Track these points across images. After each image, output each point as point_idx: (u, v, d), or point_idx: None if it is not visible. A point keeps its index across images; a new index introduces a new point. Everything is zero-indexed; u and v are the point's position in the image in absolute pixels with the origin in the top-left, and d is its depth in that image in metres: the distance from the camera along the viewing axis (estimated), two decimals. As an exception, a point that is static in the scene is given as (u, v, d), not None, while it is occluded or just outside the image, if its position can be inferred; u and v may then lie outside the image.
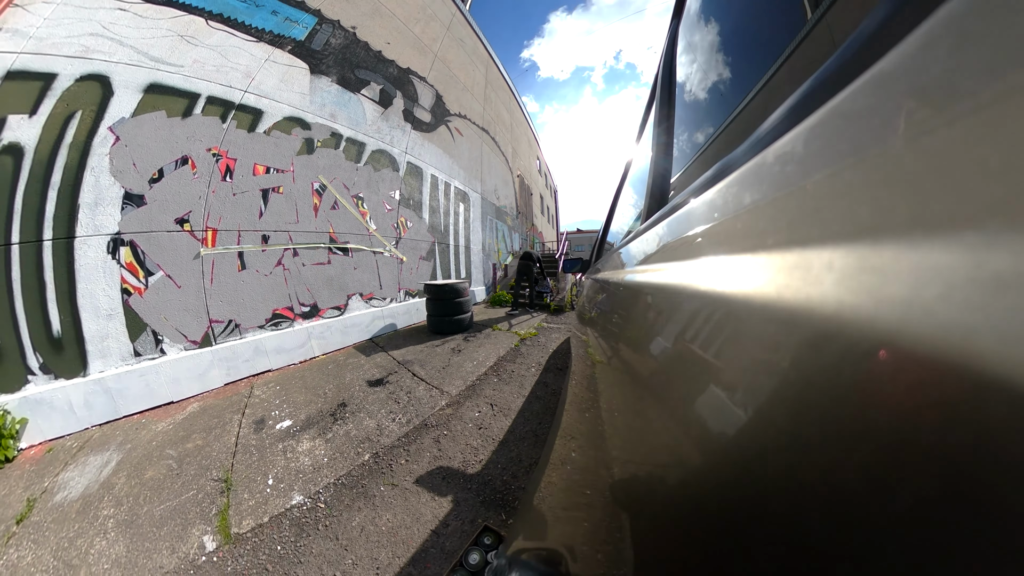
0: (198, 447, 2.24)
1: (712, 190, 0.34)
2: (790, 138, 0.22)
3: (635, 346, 0.48)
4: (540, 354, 3.42)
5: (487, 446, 1.97)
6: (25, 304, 2.54)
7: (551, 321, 5.11)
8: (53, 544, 1.61)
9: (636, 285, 0.56)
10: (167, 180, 3.15)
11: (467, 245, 7.41)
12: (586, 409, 0.76)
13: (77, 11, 2.90)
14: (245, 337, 3.53)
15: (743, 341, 0.22)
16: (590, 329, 1.00)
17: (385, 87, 5.36)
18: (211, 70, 3.48)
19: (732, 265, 0.25)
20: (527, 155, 13.76)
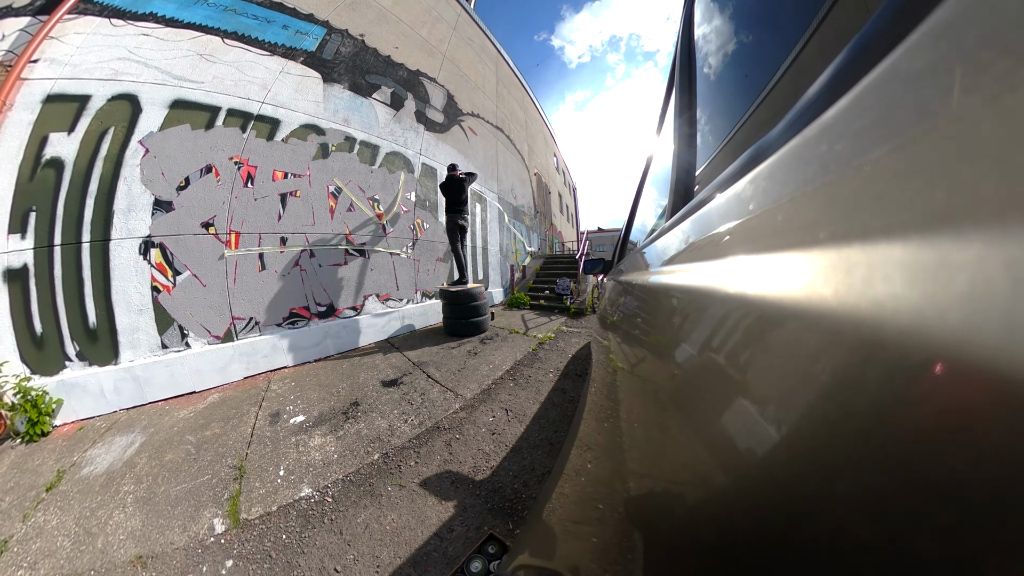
0: (216, 435, 2.43)
1: (742, 181, 0.31)
2: (832, 116, 0.20)
3: (660, 353, 0.46)
4: (559, 359, 3.39)
5: (499, 452, 1.97)
6: (65, 299, 2.92)
7: (571, 324, 5.05)
8: (76, 512, 1.81)
9: (661, 287, 0.53)
10: (193, 187, 3.47)
11: (484, 246, 7.46)
12: (605, 419, 0.74)
13: (105, 39, 3.32)
14: (264, 334, 3.79)
15: (779, 350, 0.20)
16: (612, 334, 0.96)
17: (396, 90, 5.58)
18: (230, 84, 3.81)
19: (767, 265, 0.23)
20: (543, 152, 13.69)
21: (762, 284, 0.23)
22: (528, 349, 3.75)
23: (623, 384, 0.66)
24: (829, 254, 0.17)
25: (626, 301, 0.88)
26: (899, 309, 0.12)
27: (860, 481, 0.14)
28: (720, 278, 0.31)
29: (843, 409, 0.15)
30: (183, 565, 1.44)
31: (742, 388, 0.24)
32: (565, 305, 6.26)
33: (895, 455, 0.12)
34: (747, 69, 0.51)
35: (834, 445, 0.15)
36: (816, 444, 0.16)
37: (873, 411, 0.13)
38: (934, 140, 0.12)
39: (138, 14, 3.53)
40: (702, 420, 0.30)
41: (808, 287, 0.18)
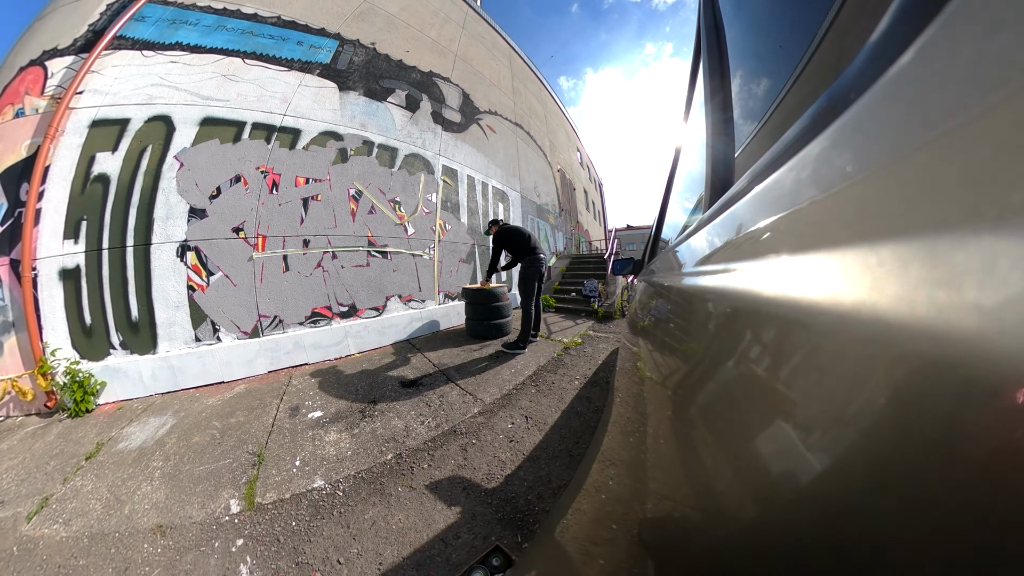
0: (239, 423, 2.67)
1: (790, 165, 0.28)
2: (900, 74, 0.17)
3: (694, 364, 0.44)
4: (585, 365, 3.34)
5: (516, 461, 1.95)
6: (111, 295, 3.45)
7: (598, 329, 4.93)
8: (109, 480, 2.11)
9: (696, 290, 0.50)
10: (224, 195, 3.88)
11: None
12: (631, 433, 0.71)
13: (139, 68, 3.88)
14: (287, 332, 4.10)
15: (832, 366, 0.18)
16: (642, 340, 0.92)
17: (410, 92, 5.85)
18: (253, 100, 4.23)
19: (821, 265, 0.21)
20: (566, 148, 13.54)
21: (815, 287, 0.20)
22: (552, 354, 3.71)
23: (652, 396, 0.63)
24: (908, 251, 0.14)
25: (657, 304, 0.83)
26: (1000, 327, 0.10)
27: (927, 525, 0.12)
28: (765, 280, 0.28)
29: (914, 439, 0.13)
30: (198, 538, 1.62)
31: (785, 408, 0.21)
32: (592, 308, 6.15)
33: (972, 499, 0.11)
34: (785, 36, 0.44)
35: (900, 482, 0.13)
36: (881, 480, 0.14)
37: (947, 441, 0.11)
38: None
39: (165, 44, 4.08)
40: (737, 442, 0.27)
41: (874, 292, 0.15)
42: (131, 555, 1.58)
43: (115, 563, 1.55)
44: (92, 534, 1.72)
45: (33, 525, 1.84)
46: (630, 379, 0.95)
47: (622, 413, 0.89)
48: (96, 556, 1.60)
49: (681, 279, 0.64)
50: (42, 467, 2.38)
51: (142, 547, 1.62)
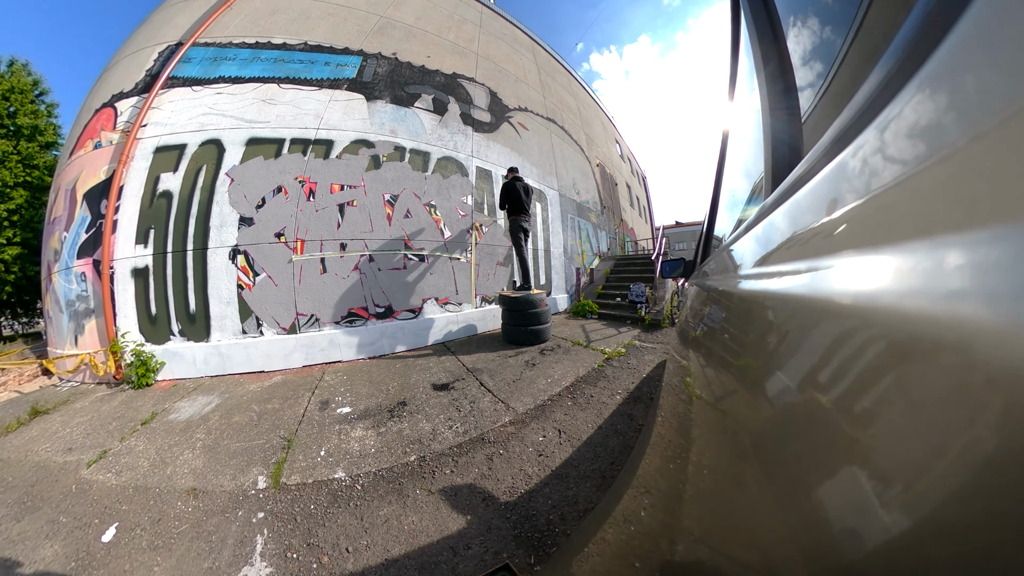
0: (275, 409, 3.02)
1: (876, 124, 0.24)
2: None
3: (751, 385, 0.39)
4: (628, 379, 3.20)
5: (543, 477, 1.92)
6: (173, 291, 4.30)
7: (645, 339, 4.71)
8: (158, 444, 2.58)
9: (756, 296, 0.46)
10: (268, 205, 4.50)
11: (546, 248, 7.41)
12: (672, 459, 0.67)
13: (190, 102, 4.76)
14: (323, 330, 4.54)
15: (930, 393, 0.15)
16: (693, 353, 0.85)
17: (436, 96, 6.23)
18: (289, 119, 4.90)
19: (919, 263, 0.17)
20: (604, 140, 13.16)
21: (911, 293, 0.17)
22: (593, 365, 3.59)
23: (700, 419, 0.58)
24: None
25: (711, 312, 0.77)
26: None
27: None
28: (845, 282, 0.24)
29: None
30: (225, 505, 1.87)
31: (877, 454, 0.18)
32: (639, 315, 5.88)
33: None
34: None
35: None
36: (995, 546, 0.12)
37: None
38: None
39: (211, 79, 4.94)
40: (801, 488, 0.24)
41: (997, 300, 0.12)
42: (166, 509, 1.89)
43: (151, 513, 1.87)
44: (137, 486, 2.11)
45: (91, 471, 2.32)
46: (676, 397, 0.88)
47: (664, 435, 0.84)
48: (137, 505, 1.95)
49: (737, 282, 0.59)
50: (105, 426, 2.99)
51: (176, 504, 1.92)
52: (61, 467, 2.42)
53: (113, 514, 1.88)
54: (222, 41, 5.25)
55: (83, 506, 1.97)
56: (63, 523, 1.87)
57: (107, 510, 1.91)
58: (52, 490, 2.17)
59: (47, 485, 2.23)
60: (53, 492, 2.15)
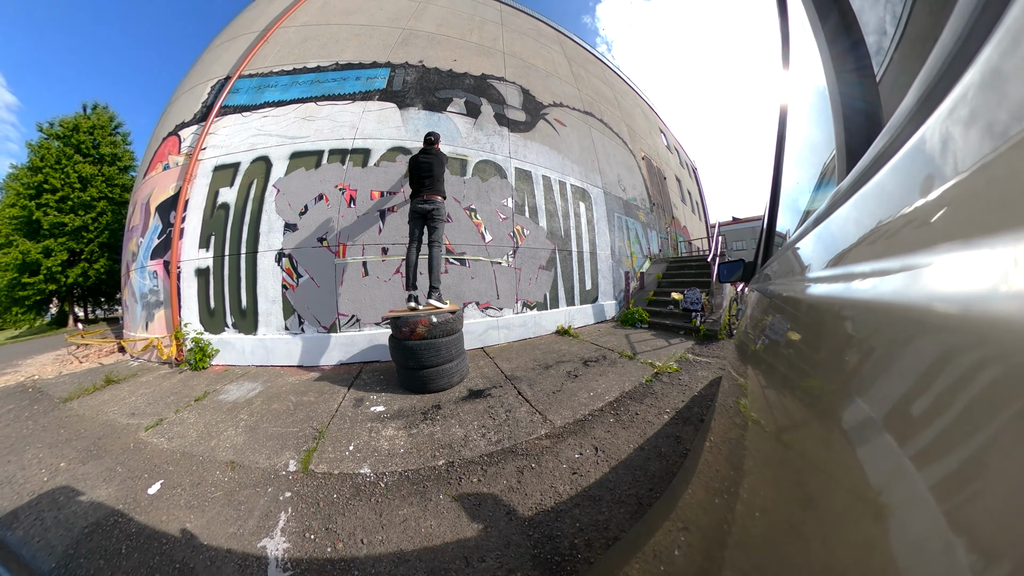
0: (310, 402, 3.34)
1: (979, 67, 0.20)
2: None
3: (823, 413, 0.35)
4: (678, 397, 3.08)
5: (573, 496, 1.88)
6: (229, 289, 5.11)
7: (699, 351, 4.47)
8: (207, 419, 3.05)
9: (833, 304, 0.40)
10: (311, 212, 5.01)
11: (592, 250, 7.30)
12: (719, 492, 0.62)
13: (242, 126, 5.69)
14: (363, 330, 4.89)
15: None
16: (752, 371, 0.78)
17: (468, 99, 6.51)
18: (327, 132, 5.47)
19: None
20: (647, 131, 12.62)
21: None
22: (641, 379, 3.48)
23: (757, 449, 0.52)
24: None
25: (774, 323, 0.70)
26: None
27: None
28: (953, 284, 0.20)
29: None
30: (257, 479, 2.16)
31: (980, 507, 0.15)
32: (693, 325, 5.58)
33: None
34: None
35: None
36: None
37: None
38: None
39: (257, 104, 5.87)
40: (869, 547, 0.21)
41: None
42: (205, 475, 2.22)
43: (192, 477, 2.21)
44: (184, 452, 2.53)
45: (148, 434, 2.84)
46: (730, 421, 0.81)
47: (712, 464, 0.78)
48: (181, 467, 2.33)
49: (806, 286, 0.53)
50: (164, 399, 3.65)
51: (214, 473, 2.24)
52: (124, 427, 3.02)
53: (160, 472, 2.28)
54: (263, 71, 6.20)
55: (137, 461, 2.43)
56: (118, 472, 2.32)
57: (156, 468, 2.33)
58: (114, 444, 2.72)
59: (110, 440, 2.80)
60: (114, 446, 2.69)
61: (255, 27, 7.15)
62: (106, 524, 1.84)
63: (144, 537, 1.74)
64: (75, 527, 1.83)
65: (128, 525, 1.83)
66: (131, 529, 1.80)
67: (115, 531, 1.79)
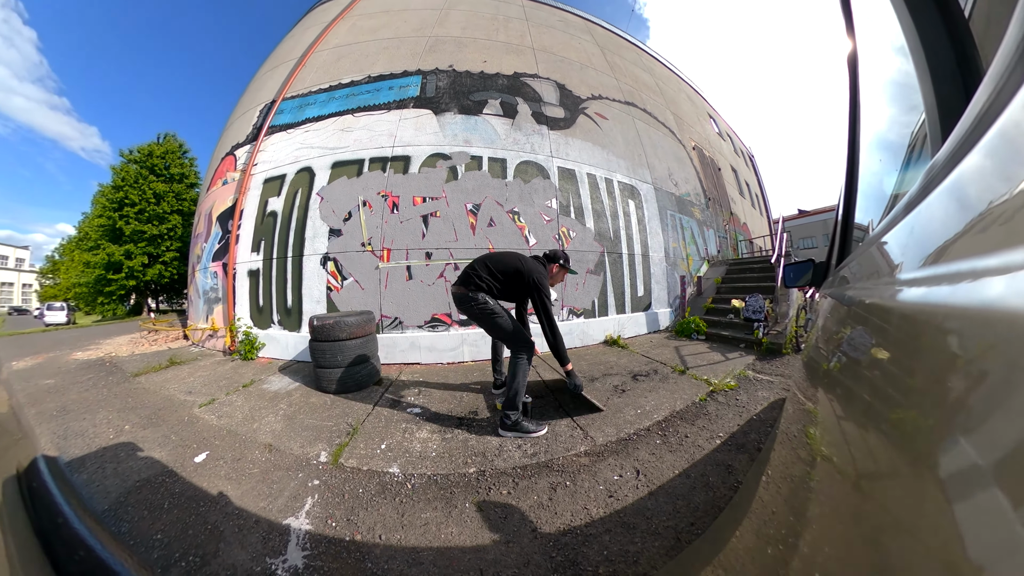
0: (347, 398, 3.57)
1: None
2: None
3: (920, 456, 0.28)
4: (734, 419, 2.88)
5: (605, 520, 1.80)
6: (276, 289, 5.64)
7: (760, 368, 4.12)
8: (252, 404, 3.45)
9: (935, 313, 0.32)
10: (354, 218, 5.33)
11: (644, 252, 6.97)
12: (773, 541, 0.56)
13: (287, 142, 6.43)
14: (405, 333, 5.07)
15: None
16: (824, 395, 0.68)
17: (503, 99, 6.58)
18: (366, 141, 5.86)
19: None
20: (695, 117, 11.93)
21: None
22: (694, 398, 3.28)
23: (826, 491, 0.46)
24: None
25: (854, 336, 0.60)
26: None
27: None
28: None
29: None
30: (290, 463, 2.37)
31: None
32: (755, 337, 5.09)
33: None
34: None
35: None
36: None
37: None
38: None
39: (299, 121, 6.59)
40: None
41: None
42: (245, 453, 2.52)
43: (234, 452, 2.54)
44: (229, 430, 2.90)
45: (201, 410, 3.32)
46: (794, 454, 0.73)
47: (768, 504, 0.70)
48: (226, 442, 2.69)
49: (897, 291, 0.45)
50: (218, 381, 4.25)
51: (253, 453, 2.53)
52: (181, 402, 3.57)
53: (207, 445, 2.65)
54: (303, 92, 7.02)
55: (188, 433, 2.86)
56: (172, 439, 2.75)
57: (204, 441, 2.72)
58: (171, 416, 3.21)
59: (168, 412, 3.32)
60: (171, 418, 3.18)
61: (293, 55, 8.09)
62: (155, 481, 2.18)
63: (185, 498, 2.02)
64: (129, 480, 2.20)
65: (173, 485, 2.14)
66: (175, 489, 2.10)
67: (161, 488, 2.11)
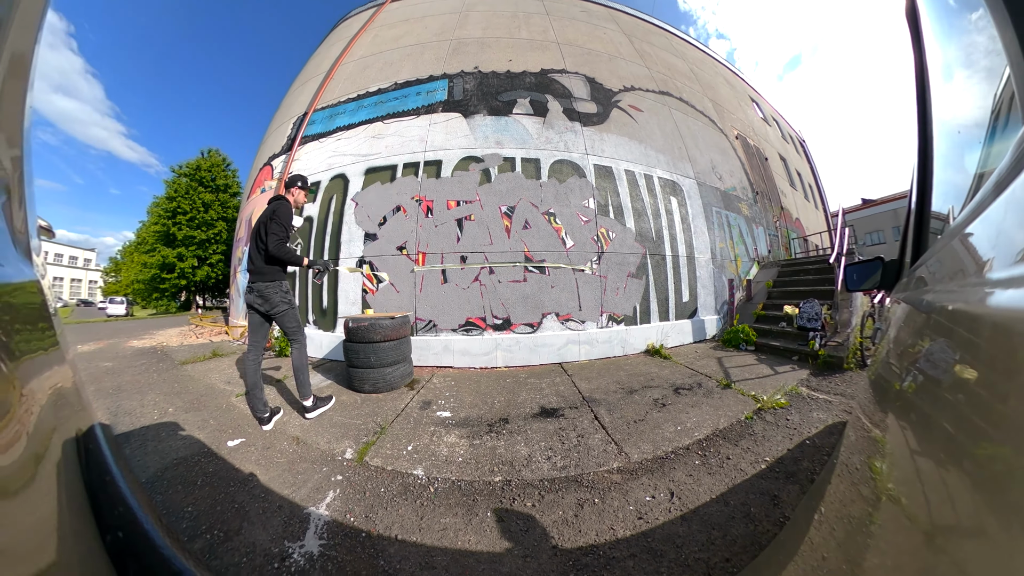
0: (377, 399, 3.71)
1: None
2: None
3: (1018, 507, 0.23)
4: (783, 442, 2.66)
5: (632, 544, 1.71)
6: (312, 291, 6.08)
7: (816, 385, 3.80)
8: (285, 397, 3.67)
9: None
10: (389, 222, 5.54)
11: (689, 254, 6.69)
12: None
13: (319, 151, 6.98)
14: (439, 336, 5.18)
15: None
16: (897, 421, 0.59)
17: (532, 97, 6.56)
18: (397, 147, 6.09)
19: None
20: (735, 102, 11.32)
21: None
22: (740, 415, 3.11)
23: (893, 543, 0.41)
24: None
25: (936, 351, 0.52)
26: None
27: None
28: None
29: None
30: (316, 457, 2.52)
31: None
32: (811, 348, 4.67)
33: None
34: None
35: None
36: None
37: None
38: None
39: (331, 130, 7.09)
40: None
41: None
42: (275, 443, 2.72)
43: (265, 441, 2.75)
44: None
45: (237, 399, 3.61)
46: (854, 491, 0.65)
47: (819, 547, 0.62)
48: (258, 432, 2.90)
49: (987, 294, 0.40)
50: None
51: (283, 443, 2.72)
52: (220, 391, 3.94)
53: (241, 432, 2.89)
54: (332, 103, 7.54)
55: (226, 419, 3.14)
56: (211, 424, 3.04)
57: (239, 428, 2.97)
58: (211, 403, 3.56)
59: (209, 399, 3.68)
60: (211, 404, 3.52)
61: (321, 69, 8.69)
62: (191, 460, 2.42)
63: (217, 478, 2.23)
64: (168, 456, 2.46)
65: (207, 465, 2.37)
66: (209, 468, 2.33)
67: (196, 467, 2.34)
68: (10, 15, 0.51)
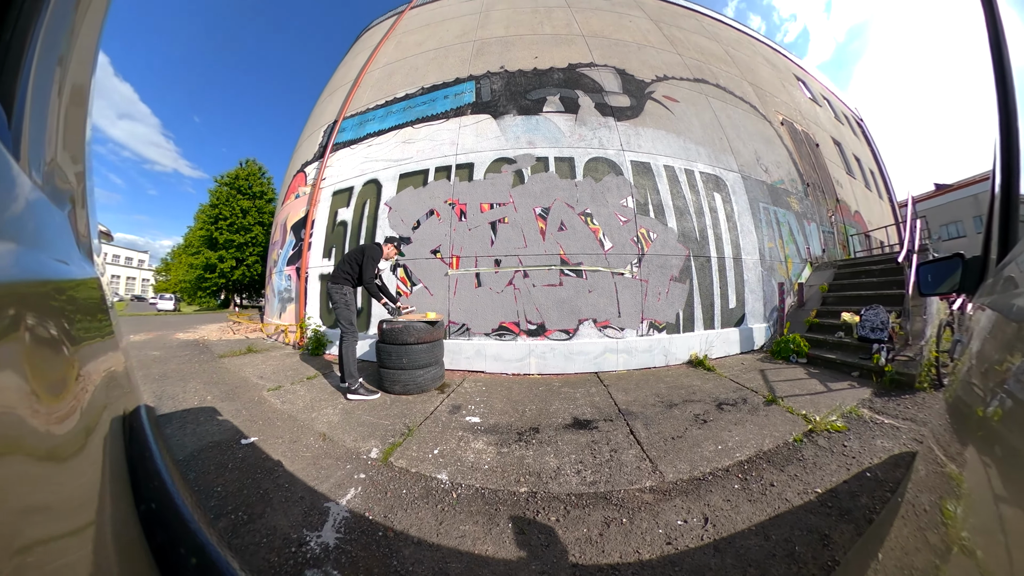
0: (407, 400, 3.83)
1: None
2: None
3: None
4: (837, 472, 2.42)
5: (656, 572, 1.63)
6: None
7: (881, 406, 3.45)
8: (313, 395, 3.99)
9: None
10: (423, 226, 5.64)
11: (735, 255, 6.29)
12: None
13: (351, 157, 7.30)
14: (472, 340, 5.25)
15: None
16: (980, 455, 0.52)
17: (562, 94, 6.46)
18: (428, 151, 6.21)
19: None
20: (778, 83, 10.54)
21: None
22: (787, 437, 2.90)
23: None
24: None
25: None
26: None
27: None
28: None
29: None
30: (339, 456, 2.62)
31: None
32: (875, 363, 4.17)
33: None
34: None
35: None
36: None
37: None
38: None
39: (361, 137, 7.35)
40: None
41: None
42: (301, 438, 2.89)
43: (292, 434, 2.95)
44: (291, 414, 3.39)
45: (269, 394, 3.96)
46: (919, 533, 0.58)
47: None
48: (286, 424, 3.14)
49: None
50: (285, 371, 5.03)
51: (308, 439, 2.87)
52: (253, 384, 4.34)
53: (270, 423, 3.15)
54: (361, 110, 7.81)
55: (256, 411, 3.46)
56: (243, 413, 3.39)
57: (268, 419, 3.25)
58: (244, 395, 3.94)
59: (243, 391, 4.08)
60: (244, 396, 3.89)
61: (348, 78, 8.99)
62: (224, 444, 2.71)
63: (246, 463, 2.44)
64: (203, 439, 2.78)
65: (238, 451, 2.62)
66: (239, 454, 2.57)
67: (228, 451, 2.60)
68: (69, 54, 0.59)
